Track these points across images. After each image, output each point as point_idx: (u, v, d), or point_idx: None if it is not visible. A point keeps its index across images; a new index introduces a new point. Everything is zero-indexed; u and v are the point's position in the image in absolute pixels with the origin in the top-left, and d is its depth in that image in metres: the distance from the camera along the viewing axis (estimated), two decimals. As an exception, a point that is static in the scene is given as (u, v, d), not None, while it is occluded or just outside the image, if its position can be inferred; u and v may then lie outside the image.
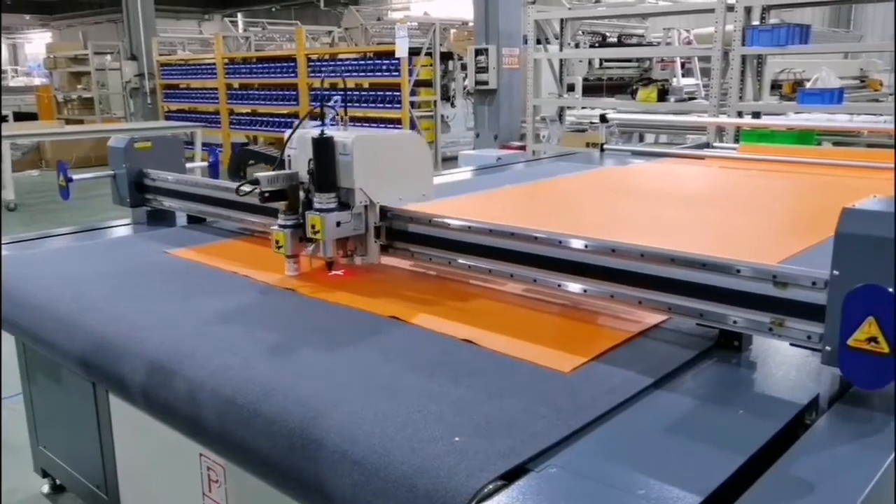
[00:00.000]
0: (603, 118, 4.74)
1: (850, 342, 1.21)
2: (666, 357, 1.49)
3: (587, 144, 7.08)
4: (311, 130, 1.99)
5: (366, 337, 1.64)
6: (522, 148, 8.08)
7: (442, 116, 13.11)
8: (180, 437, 1.55)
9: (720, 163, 4.13)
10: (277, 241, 2.01)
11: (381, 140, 2.06)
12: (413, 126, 9.29)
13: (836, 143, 6.14)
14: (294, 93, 10.87)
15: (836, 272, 1.25)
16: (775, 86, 9.36)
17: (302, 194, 1.99)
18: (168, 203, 2.76)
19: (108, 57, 16.93)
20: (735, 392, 1.40)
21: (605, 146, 4.62)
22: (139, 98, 14.09)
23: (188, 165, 2.97)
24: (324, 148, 1.92)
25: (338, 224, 1.94)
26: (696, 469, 1.12)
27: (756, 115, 6.36)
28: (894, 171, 2.89)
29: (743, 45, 6.11)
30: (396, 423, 1.23)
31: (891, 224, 1.20)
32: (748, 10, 6.13)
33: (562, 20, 7.84)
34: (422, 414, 1.26)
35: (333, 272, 2.05)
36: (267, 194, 1.98)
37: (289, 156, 2.05)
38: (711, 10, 6.41)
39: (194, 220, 2.74)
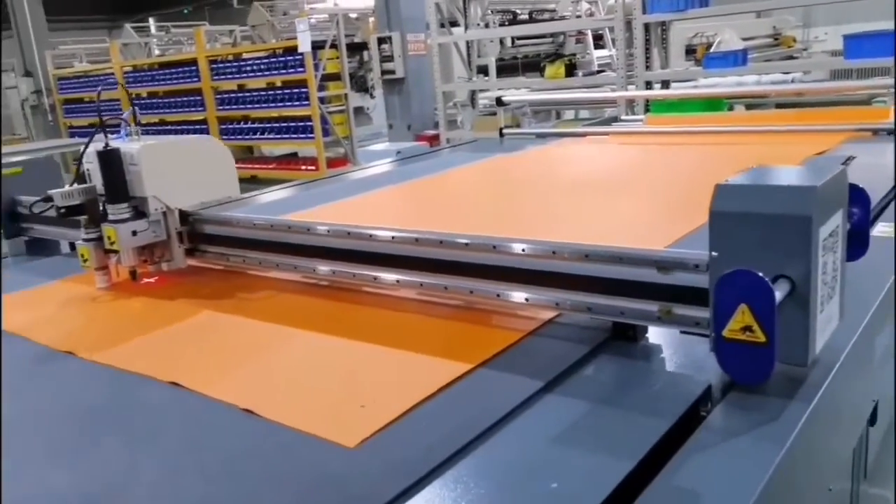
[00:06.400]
0: (499, 101, 4.46)
1: (725, 333, 1.11)
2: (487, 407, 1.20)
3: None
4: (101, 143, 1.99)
5: (117, 408, 1.31)
6: (437, 136, 7.78)
7: (362, 108, 12.72)
8: None
9: (620, 139, 3.89)
10: (83, 255, 2.03)
11: (171, 147, 2.09)
12: (324, 122, 8.88)
13: (748, 107, 5.99)
14: (199, 98, 10.34)
15: (714, 253, 1.15)
16: (690, 51, 9.24)
17: (102, 206, 2.01)
18: (46, 230, 2.53)
19: (8, 74, 16.04)
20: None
21: (503, 130, 4.34)
22: (39, 115, 13.34)
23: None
24: (110, 160, 1.96)
25: (134, 233, 1.98)
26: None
27: (665, 84, 6.18)
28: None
29: (644, 13, 5.91)
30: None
31: (767, 198, 1.09)
32: (647, -24, 5.93)
33: (464, 1, 7.54)
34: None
35: (145, 280, 2.07)
36: (63, 210, 1.99)
37: (87, 169, 2.05)
38: (611, -21, 6.20)
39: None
